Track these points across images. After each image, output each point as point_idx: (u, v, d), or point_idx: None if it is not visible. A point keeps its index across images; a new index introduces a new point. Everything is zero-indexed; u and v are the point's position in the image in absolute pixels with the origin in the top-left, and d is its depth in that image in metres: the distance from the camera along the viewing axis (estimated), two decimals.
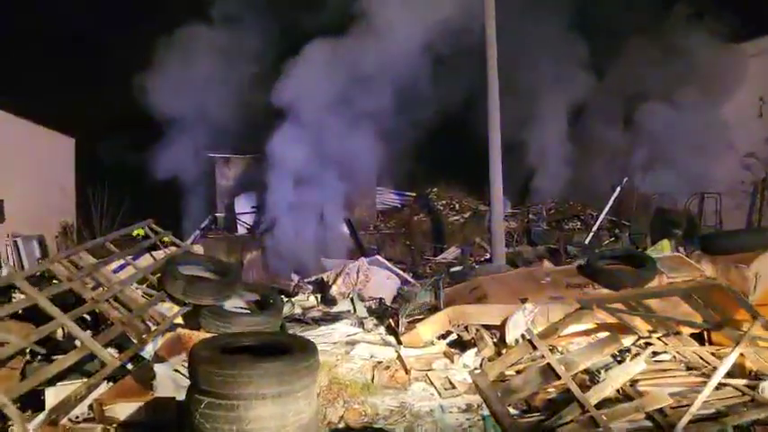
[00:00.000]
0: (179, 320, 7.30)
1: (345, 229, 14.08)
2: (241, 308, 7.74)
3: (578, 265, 7.74)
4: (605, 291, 7.05)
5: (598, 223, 15.95)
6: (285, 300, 9.31)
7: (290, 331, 7.55)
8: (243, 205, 16.43)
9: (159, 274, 7.23)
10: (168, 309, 7.12)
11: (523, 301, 7.01)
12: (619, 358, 6.14)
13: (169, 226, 17.99)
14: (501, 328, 6.82)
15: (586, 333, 6.76)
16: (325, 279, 9.90)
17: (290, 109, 14.50)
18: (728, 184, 17.79)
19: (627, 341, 6.27)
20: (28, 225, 14.48)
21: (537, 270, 7.94)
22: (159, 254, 8.10)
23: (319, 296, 9.45)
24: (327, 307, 9.10)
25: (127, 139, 17.97)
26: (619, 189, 16.44)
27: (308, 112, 14.44)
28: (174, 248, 8.37)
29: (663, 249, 12.33)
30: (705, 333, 6.63)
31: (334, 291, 9.48)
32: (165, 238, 8.55)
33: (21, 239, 13.12)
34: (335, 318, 7.95)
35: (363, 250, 12.36)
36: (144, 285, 7.40)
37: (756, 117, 17.92)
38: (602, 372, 5.72)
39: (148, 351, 6.54)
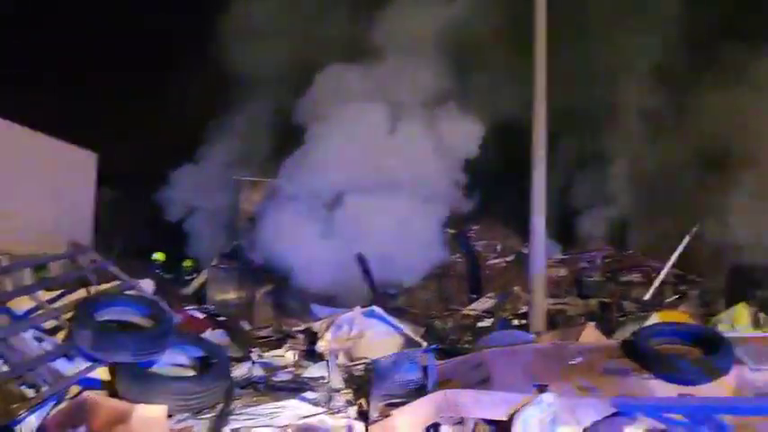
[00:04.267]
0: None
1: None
2: (182, 366, 6.12)
3: (623, 342, 5.73)
4: (658, 384, 5.05)
5: (661, 277, 13.72)
6: (258, 354, 7.65)
7: (239, 401, 5.85)
8: None
9: None
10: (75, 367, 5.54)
11: (541, 389, 5.09)
12: None
13: (187, 255, 17.04)
14: (508, 426, 4.92)
15: None
16: (315, 330, 8.16)
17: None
18: None
19: None
20: (36, 245, 13.41)
21: (566, 345, 5.95)
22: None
23: (295, 353, 7.71)
24: (312, 364, 7.39)
25: (149, 155, 17.01)
26: (688, 237, 14.18)
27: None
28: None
29: (738, 316, 10.19)
30: None
31: (320, 346, 7.73)
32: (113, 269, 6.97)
33: (7, 258, 11.89)
34: (300, 386, 6.17)
35: (376, 294, 10.57)
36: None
37: None
38: None
39: (30, 423, 4.97)
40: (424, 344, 7.70)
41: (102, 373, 5.79)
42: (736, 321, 9.76)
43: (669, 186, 17.36)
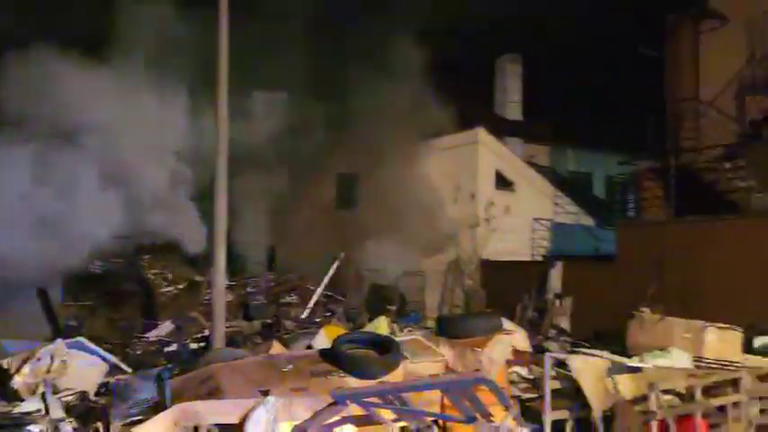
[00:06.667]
0: None
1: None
2: None
3: (321, 350, 7.16)
4: (352, 380, 6.54)
5: (315, 298, 15.80)
6: None
7: None
8: None
9: None
10: None
11: (264, 393, 6.15)
12: None
13: None
14: (240, 428, 5.86)
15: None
16: (5, 366, 7.86)
17: None
18: (430, 263, 19.27)
19: None
20: None
21: (278, 356, 7.15)
22: None
23: None
24: (9, 405, 7.17)
25: None
26: (336, 264, 16.58)
27: None
28: None
29: (380, 326, 12.44)
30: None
31: (17, 382, 7.53)
32: None
33: None
34: (18, 422, 6.16)
35: (58, 330, 10.28)
36: None
37: (452, 203, 19.81)
38: None
39: None
40: (129, 370, 8.09)
41: None
42: (378, 331, 11.95)
43: (317, 219, 19.85)
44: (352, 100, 19.98)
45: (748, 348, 9.18)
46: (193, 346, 11.77)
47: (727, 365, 8.01)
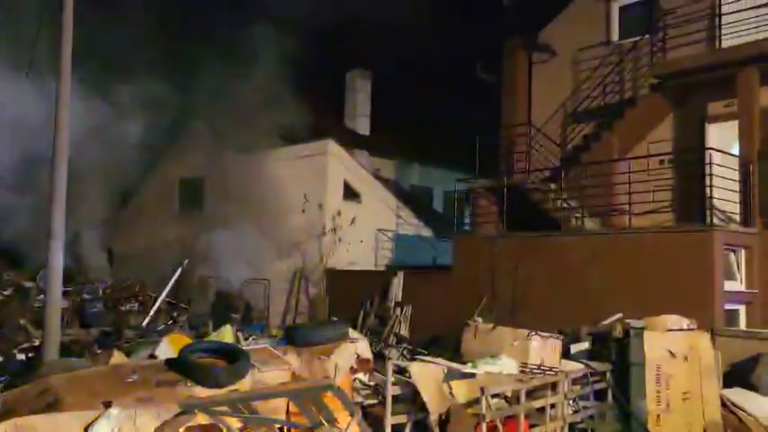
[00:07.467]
0: None
1: None
2: None
3: (167, 360, 7.07)
4: (200, 390, 6.54)
5: (157, 305, 15.34)
6: None
7: None
8: None
9: None
10: None
11: (107, 405, 6.00)
12: None
13: None
14: None
15: None
16: None
17: None
18: (275, 270, 19.36)
19: None
20: None
21: (122, 366, 6.95)
22: None
23: None
24: None
25: None
26: (180, 270, 16.20)
27: None
28: None
29: (225, 334, 12.41)
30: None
31: None
32: None
33: None
34: None
35: None
36: None
37: (300, 212, 20.05)
38: None
39: None
40: None
41: None
42: (224, 340, 11.87)
43: (162, 222, 19.23)
44: (202, 99, 19.68)
45: (566, 354, 10.24)
46: (20, 356, 11.05)
47: (547, 370, 8.87)
